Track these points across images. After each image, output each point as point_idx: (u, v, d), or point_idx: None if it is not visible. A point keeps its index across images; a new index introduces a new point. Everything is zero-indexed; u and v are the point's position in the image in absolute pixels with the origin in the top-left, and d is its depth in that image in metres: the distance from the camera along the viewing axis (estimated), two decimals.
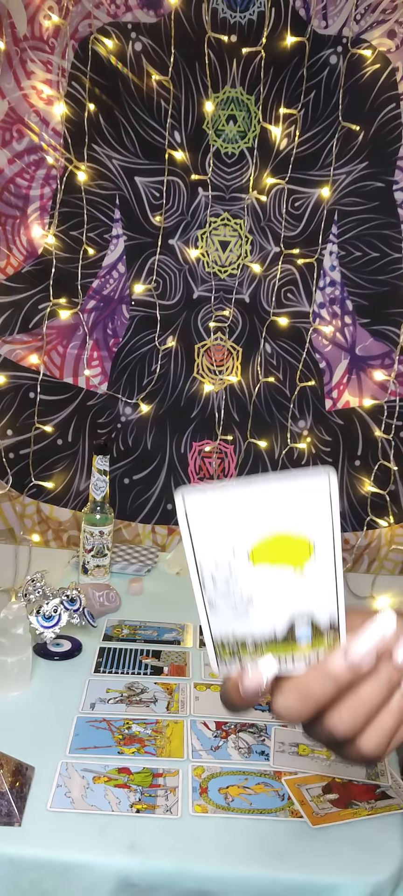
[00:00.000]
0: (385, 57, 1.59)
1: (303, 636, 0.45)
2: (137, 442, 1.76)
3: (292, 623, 0.45)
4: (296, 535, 0.43)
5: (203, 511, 0.42)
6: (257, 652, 0.45)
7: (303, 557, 0.43)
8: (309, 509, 0.42)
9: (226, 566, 0.43)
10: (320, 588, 0.44)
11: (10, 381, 1.73)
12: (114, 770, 0.89)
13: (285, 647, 0.45)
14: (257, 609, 0.44)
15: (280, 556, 0.43)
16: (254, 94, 1.62)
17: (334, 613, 0.45)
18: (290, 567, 0.43)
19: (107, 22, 1.60)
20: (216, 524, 0.42)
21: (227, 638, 0.45)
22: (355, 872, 0.77)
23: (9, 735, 0.95)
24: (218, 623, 0.45)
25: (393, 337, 1.71)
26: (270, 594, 0.44)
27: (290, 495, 0.42)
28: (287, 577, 0.43)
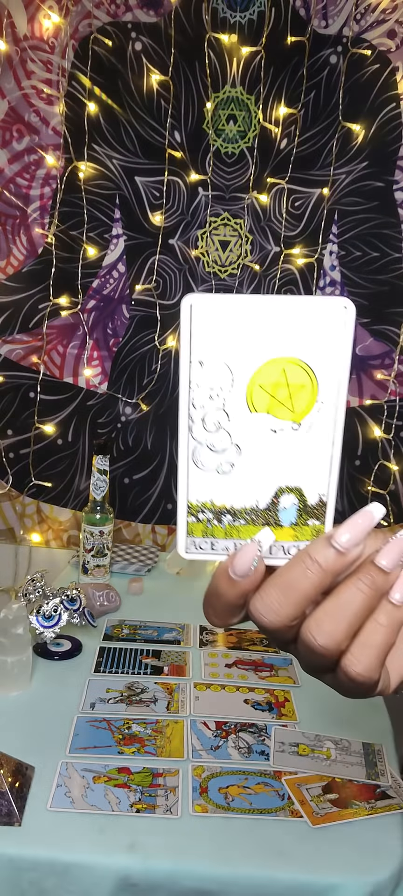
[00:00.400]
0: (385, 57, 1.59)
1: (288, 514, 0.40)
2: (137, 442, 1.76)
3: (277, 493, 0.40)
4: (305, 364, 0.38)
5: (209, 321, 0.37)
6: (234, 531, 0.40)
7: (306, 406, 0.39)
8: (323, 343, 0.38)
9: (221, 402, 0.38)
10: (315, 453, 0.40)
11: (10, 381, 1.73)
12: (114, 770, 0.89)
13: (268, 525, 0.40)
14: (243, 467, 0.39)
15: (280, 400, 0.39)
16: (254, 93, 1.62)
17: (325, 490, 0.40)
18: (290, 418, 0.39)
19: (107, 22, 1.60)
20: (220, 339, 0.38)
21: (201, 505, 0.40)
22: (355, 872, 0.77)
23: (9, 735, 0.95)
24: (197, 483, 0.40)
25: (393, 337, 1.71)
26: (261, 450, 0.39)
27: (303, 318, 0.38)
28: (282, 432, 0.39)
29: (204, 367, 0.38)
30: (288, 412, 0.39)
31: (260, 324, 0.37)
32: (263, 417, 0.39)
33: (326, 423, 0.39)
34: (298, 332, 0.38)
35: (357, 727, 1.01)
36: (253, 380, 0.38)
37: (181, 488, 0.40)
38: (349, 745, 0.98)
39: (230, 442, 0.39)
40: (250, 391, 0.38)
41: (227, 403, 0.39)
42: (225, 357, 0.38)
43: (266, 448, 0.39)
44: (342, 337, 0.38)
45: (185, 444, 0.39)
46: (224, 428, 0.39)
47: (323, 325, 0.38)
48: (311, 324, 0.38)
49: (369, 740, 0.99)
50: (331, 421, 0.39)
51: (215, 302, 0.37)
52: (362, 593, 0.39)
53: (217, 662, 1.20)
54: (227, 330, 0.37)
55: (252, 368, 0.38)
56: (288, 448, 0.39)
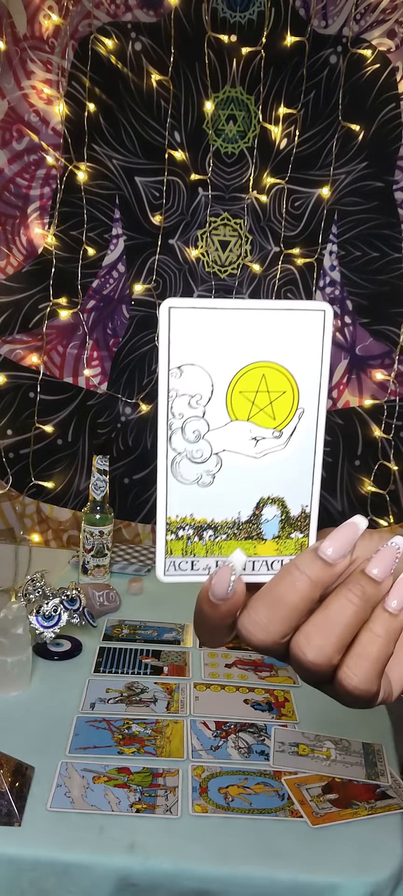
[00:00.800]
0: (385, 57, 1.59)
1: (271, 526, 0.39)
2: (137, 442, 1.76)
3: (259, 504, 0.39)
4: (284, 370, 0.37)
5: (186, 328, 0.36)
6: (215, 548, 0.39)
7: (287, 413, 0.38)
8: (302, 348, 0.37)
9: (201, 410, 0.37)
10: (297, 463, 0.39)
11: (10, 381, 1.73)
12: (113, 770, 0.90)
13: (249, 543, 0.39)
14: (224, 478, 0.38)
15: (260, 406, 0.38)
16: (254, 93, 1.62)
17: (307, 501, 0.40)
18: (271, 425, 0.38)
19: (107, 22, 1.60)
20: (199, 345, 0.37)
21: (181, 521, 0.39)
22: (355, 872, 0.77)
23: (9, 735, 0.95)
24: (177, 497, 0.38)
25: (393, 337, 1.71)
26: (241, 460, 0.38)
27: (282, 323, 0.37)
28: (263, 440, 0.38)
29: (184, 374, 0.37)
30: (270, 419, 0.38)
31: (240, 329, 0.37)
32: (244, 425, 0.38)
33: (308, 430, 0.39)
34: (278, 338, 0.37)
35: (357, 727, 1.02)
36: (233, 386, 0.38)
37: (160, 503, 0.38)
38: (349, 745, 0.98)
39: (210, 451, 0.38)
40: (230, 398, 0.38)
41: (207, 411, 0.38)
42: (205, 363, 0.37)
43: (247, 457, 0.39)
44: (320, 342, 0.38)
45: (164, 455, 0.38)
46: (204, 437, 0.38)
47: (301, 330, 0.37)
48: (290, 329, 0.37)
49: (369, 740, 0.99)
50: (313, 429, 0.39)
51: (194, 307, 0.36)
52: (352, 604, 0.37)
53: (217, 662, 1.20)
54: (207, 335, 0.37)
55: (232, 374, 0.37)
56: (269, 457, 0.39)
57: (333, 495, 1.78)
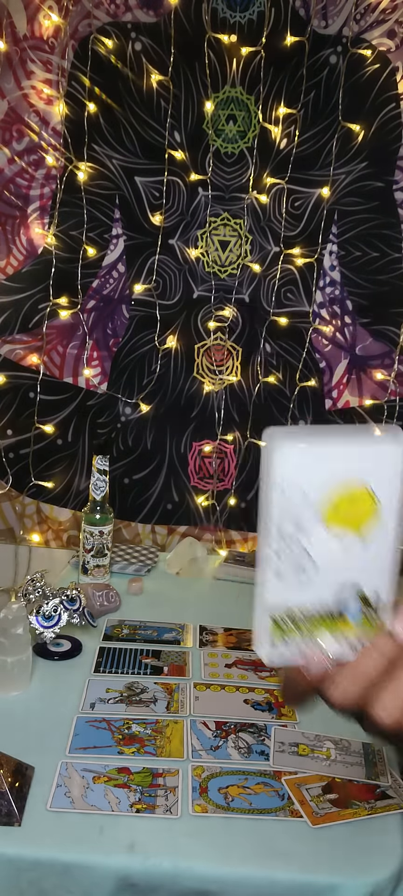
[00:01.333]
0: (385, 57, 1.59)
1: (353, 610, 0.46)
2: (137, 442, 1.76)
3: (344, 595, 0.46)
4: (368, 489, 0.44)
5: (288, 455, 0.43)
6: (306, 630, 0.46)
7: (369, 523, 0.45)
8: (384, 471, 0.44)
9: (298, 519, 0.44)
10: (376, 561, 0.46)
11: (10, 381, 1.73)
12: (113, 770, 0.89)
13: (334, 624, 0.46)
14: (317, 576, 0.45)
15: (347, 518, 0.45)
16: (254, 93, 1.62)
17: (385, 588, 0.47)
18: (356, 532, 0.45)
19: (106, 22, 1.60)
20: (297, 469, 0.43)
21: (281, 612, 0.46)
22: (355, 872, 0.77)
23: (9, 735, 0.95)
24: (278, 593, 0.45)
25: (393, 337, 1.71)
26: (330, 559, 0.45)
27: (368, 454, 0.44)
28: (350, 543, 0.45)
29: (285, 494, 0.44)
30: (356, 528, 0.45)
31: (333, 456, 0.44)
32: (335, 534, 0.45)
33: (386, 538, 0.46)
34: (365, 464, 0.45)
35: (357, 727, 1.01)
36: (326, 503, 0.44)
37: (263, 598, 0.46)
38: (349, 745, 0.98)
39: (307, 556, 0.45)
40: (324, 513, 0.44)
41: (303, 521, 0.44)
42: (303, 484, 0.44)
43: (336, 559, 0.46)
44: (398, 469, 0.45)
45: (265, 556, 0.45)
46: (300, 542, 0.45)
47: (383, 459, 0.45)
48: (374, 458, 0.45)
49: (369, 740, 0.99)
50: (390, 534, 0.46)
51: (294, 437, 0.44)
52: None
53: (217, 662, 1.20)
54: (305, 461, 0.44)
55: (325, 494, 0.44)
56: (354, 558, 0.46)
57: None
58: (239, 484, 1.79)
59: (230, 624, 1.35)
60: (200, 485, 1.79)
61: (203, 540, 1.79)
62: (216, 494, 1.79)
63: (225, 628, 1.34)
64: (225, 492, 1.79)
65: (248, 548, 1.81)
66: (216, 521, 1.80)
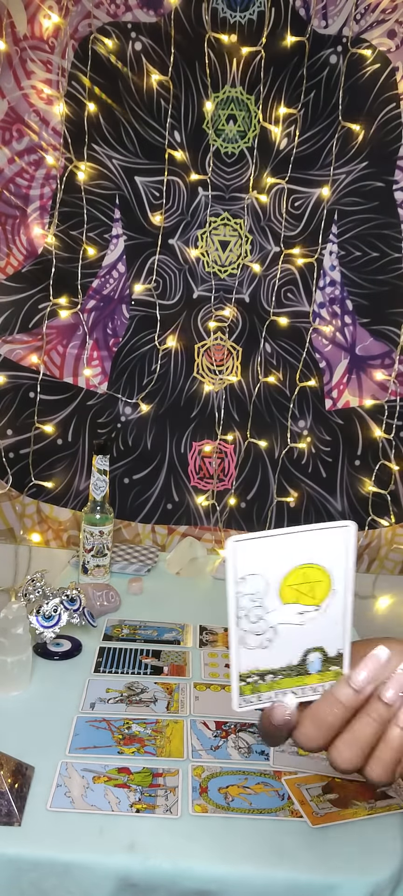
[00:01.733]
0: (385, 57, 1.59)
1: (314, 665, 0.54)
2: (137, 442, 1.76)
3: (306, 654, 0.53)
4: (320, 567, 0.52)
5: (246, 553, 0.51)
6: (274, 685, 0.54)
7: (323, 593, 0.52)
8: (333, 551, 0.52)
9: (259, 601, 0.52)
10: (332, 622, 0.53)
11: (10, 381, 1.73)
12: (113, 770, 0.89)
13: (299, 679, 0.54)
14: (279, 641, 0.53)
15: (304, 592, 0.52)
16: (254, 93, 1.62)
17: (341, 645, 0.54)
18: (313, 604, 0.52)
19: (106, 22, 1.60)
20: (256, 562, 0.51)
21: (249, 673, 0.54)
22: (355, 872, 0.77)
23: (9, 735, 0.95)
24: (245, 658, 0.53)
25: (393, 337, 1.71)
26: (291, 628, 0.52)
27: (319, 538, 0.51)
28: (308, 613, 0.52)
29: (246, 581, 0.52)
30: (311, 599, 0.52)
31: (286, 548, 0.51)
32: (292, 607, 0.52)
33: (339, 601, 0.53)
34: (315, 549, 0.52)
35: None
36: (283, 583, 0.52)
37: (233, 664, 0.54)
38: None
39: (268, 626, 0.53)
40: (281, 591, 0.52)
41: (265, 602, 0.52)
42: (262, 572, 0.51)
43: (295, 626, 0.53)
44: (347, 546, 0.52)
45: (234, 633, 0.52)
46: (263, 618, 0.52)
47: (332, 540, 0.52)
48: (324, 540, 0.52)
49: None
50: (342, 599, 0.53)
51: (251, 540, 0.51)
52: (371, 727, 0.51)
53: (217, 662, 1.20)
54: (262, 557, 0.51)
55: (281, 576, 0.52)
56: (313, 624, 0.53)
57: (333, 496, 1.78)
58: (239, 484, 1.79)
59: None
60: (200, 485, 1.79)
61: (203, 540, 1.79)
62: (216, 494, 1.79)
63: (225, 628, 1.34)
64: (225, 492, 1.79)
65: None
66: (216, 521, 1.80)
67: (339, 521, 0.52)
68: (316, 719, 0.52)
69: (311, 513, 1.78)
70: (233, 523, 1.81)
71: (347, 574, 0.52)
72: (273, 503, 1.79)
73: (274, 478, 1.78)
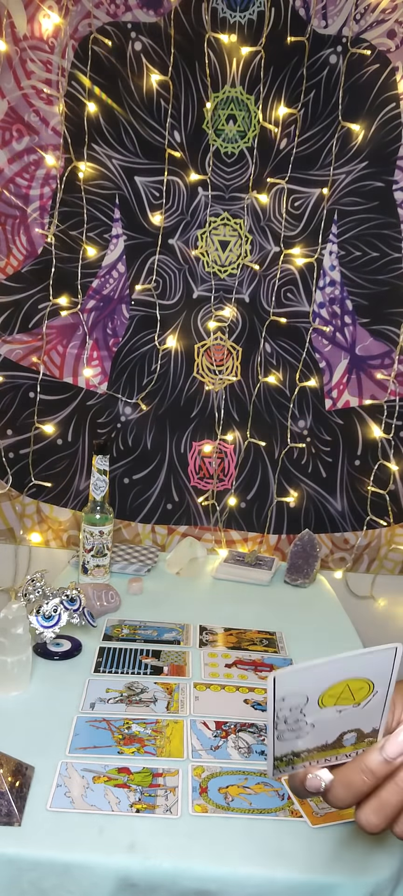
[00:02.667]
0: (385, 57, 1.59)
1: (349, 741, 0.55)
2: (137, 442, 1.76)
3: (342, 734, 0.55)
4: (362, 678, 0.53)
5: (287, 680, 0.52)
6: (309, 757, 0.56)
7: (364, 695, 0.54)
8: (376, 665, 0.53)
9: (298, 709, 0.53)
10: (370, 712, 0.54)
11: (10, 381, 1.73)
12: (113, 770, 0.89)
13: (334, 751, 0.55)
14: (316, 731, 0.54)
15: (344, 697, 0.53)
16: (254, 93, 1.62)
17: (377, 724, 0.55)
18: (351, 703, 0.53)
19: (106, 22, 1.60)
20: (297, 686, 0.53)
21: (285, 755, 0.55)
22: (355, 872, 0.77)
23: (9, 735, 0.95)
24: (280, 747, 0.55)
25: (393, 337, 1.71)
26: (329, 721, 0.54)
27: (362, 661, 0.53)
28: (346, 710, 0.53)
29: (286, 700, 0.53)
30: (351, 701, 0.54)
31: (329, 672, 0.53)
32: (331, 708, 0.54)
33: (380, 698, 0.54)
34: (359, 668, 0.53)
35: None
36: (323, 694, 0.53)
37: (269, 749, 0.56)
38: None
39: (306, 723, 0.54)
40: (321, 700, 0.53)
41: (304, 710, 0.53)
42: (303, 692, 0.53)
43: (334, 721, 0.55)
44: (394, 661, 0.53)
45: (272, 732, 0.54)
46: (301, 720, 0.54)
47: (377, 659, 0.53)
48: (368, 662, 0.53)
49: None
50: (384, 697, 0.54)
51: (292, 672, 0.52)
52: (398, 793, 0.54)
53: (217, 662, 1.20)
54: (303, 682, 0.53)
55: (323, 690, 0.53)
56: (350, 717, 0.54)
57: (333, 495, 1.78)
58: (239, 484, 1.79)
59: (230, 624, 1.35)
60: (200, 485, 1.79)
61: (203, 540, 1.79)
62: (216, 494, 1.79)
63: (225, 628, 1.34)
64: (225, 492, 1.79)
65: (248, 548, 1.81)
66: (216, 521, 1.80)
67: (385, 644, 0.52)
68: (347, 784, 0.54)
69: (311, 513, 1.79)
70: (233, 523, 1.81)
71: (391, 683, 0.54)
72: (273, 503, 1.79)
73: (273, 478, 1.78)
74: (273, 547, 1.82)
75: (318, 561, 1.64)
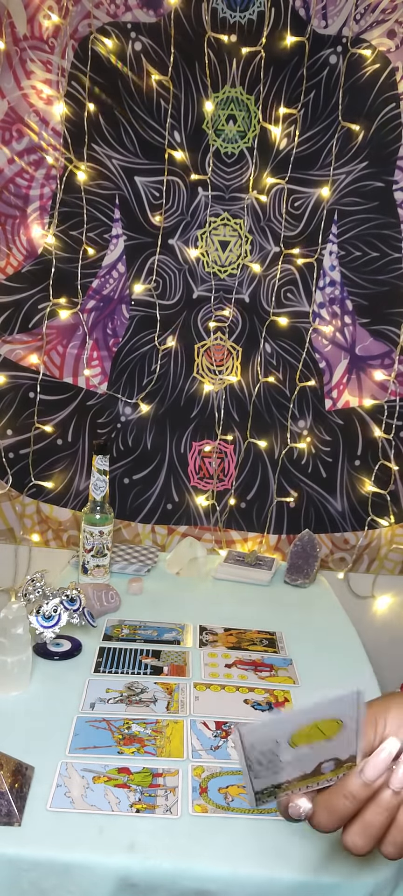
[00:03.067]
0: (385, 57, 1.59)
1: (327, 768, 0.56)
2: (137, 442, 1.76)
3: (319, 764, 0.55)
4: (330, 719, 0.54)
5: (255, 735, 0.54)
6: (289, 788, 0.57)
7: (334, 731, 0.54)
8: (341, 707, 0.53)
9: (270, 755, 0.54)
10: (344, 743, 0.55)
11: (10, 381, 1.73)
12: (113, 770, 0.89)
13: (314, 778, 0.56)
14: (292, 766, 0.55)
15: (314, 736, 0.54)
16: (254, 93, 1.62)
17: (353, 751, 0.55)
18: (322, 739, 0.54)
19: (106, 22, 1.60)
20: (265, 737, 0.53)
21: (265, 789, 0.56)
22: (355, 872, 0.77)
23: (9, 735, 0.95)
24: (259, 784, 0.56)
25: (393, 337, 1.71)
26: (305, 755, 0.54)
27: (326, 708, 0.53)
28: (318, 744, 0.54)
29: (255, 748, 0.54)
30: (322, 737, 0.54)
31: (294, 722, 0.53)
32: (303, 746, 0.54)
33: (351, 730, 0.54)
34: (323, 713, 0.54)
35: None
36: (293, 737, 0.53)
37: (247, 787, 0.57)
38: None
39: (280, 760, 0.55)
40: (292, 741, 0.54)
41: (275, 751, 0.54)
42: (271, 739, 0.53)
43: (308, 755, 0.55)
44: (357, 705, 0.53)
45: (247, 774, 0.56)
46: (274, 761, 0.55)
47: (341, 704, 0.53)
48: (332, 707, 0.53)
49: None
50: (355, 728, 0.54)
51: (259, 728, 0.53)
52: (381, 815, 0.54)
53: (217, 662, 1.20)
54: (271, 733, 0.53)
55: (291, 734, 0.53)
56: (324, 748, 0.55)
57: (333, 496, 1.78)
58: (239, 484, 1.79)
59: (230, 624, 1.35)
60: (200, 485, 1.79)
61: (203, 540, 1.79)
62: (216, 494, 1.79)
63: (225, 628, 1.34)
64: (225, 492, 1.79)
65: (248, 548, 1.81)
66: (216, 521, 1.80)
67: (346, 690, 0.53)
68: (330, 809, 0.55)
69: (311, 513, 1.79)
70: (233, 523, 1.81)
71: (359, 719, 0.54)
72: (273, 503, 1.79)
73: (273, 478, 1.78)
74: (273, 547, 1.82)
75: (318, 561, 1.64)
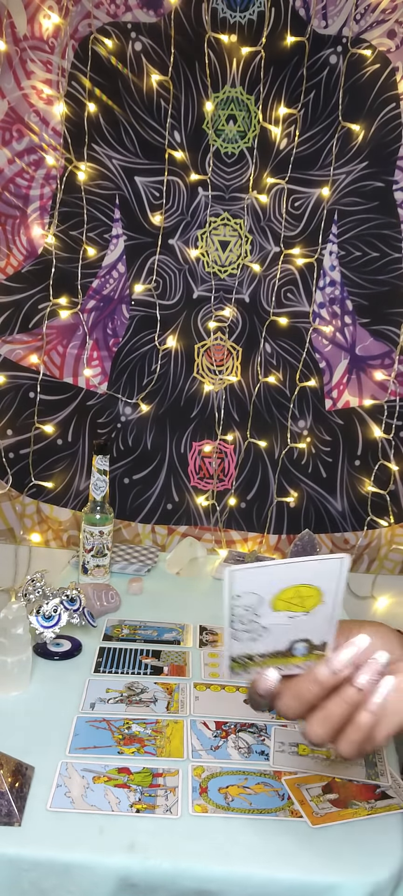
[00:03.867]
0: (385, 57, 1.59)
1: (299, 651, 0.59)
2: (137, 442, 1.76)
3: (293, 643, 0.58)
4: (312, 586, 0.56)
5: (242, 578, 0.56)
6: (262, 664, 0.59)
7: (313, 604, 0.57)
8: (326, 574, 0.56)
9: (252, 610, 0.57)
10: (320, 623, 0.57)
11: (10, 381, 1.73)
12: (114, 770, 0.89)
13: (285, 659, 0.59)
14: (269, 635, 0.57)
15: (295, 603, 0.56)
16: (254, 93, 1.62)
17: (327, 637, 0.58)
18: (301, 610, 0.57)
19: (106, 22, 1.60)
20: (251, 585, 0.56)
21: (241, 656, 0.59)
22: (355, 872, 0.77)
23: (9, 735, 0.95)
24: (236, 647, 0.59)
25: (393, 337, 1.71)
26: (282, 627, 0.57)
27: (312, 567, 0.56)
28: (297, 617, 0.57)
29: (241, 597, 0.57)
30: (301, 608, 0.57)
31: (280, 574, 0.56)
32: (283, 613, 0.57)
33: (328, 609, 0.57)
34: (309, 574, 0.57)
35: None
36: (275, 597, 0.56)
37: (225, 649, 0.60)
38: None
39: (259, 626, 0.58)
40: (273, 603, 0.57)
41: (257, 611, 0.57)
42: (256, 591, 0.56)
43: (285, 626, 0.58)
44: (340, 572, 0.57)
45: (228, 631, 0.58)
46: (255, 621, 0.57)
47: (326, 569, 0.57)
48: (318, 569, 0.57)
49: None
50: (331, 608, 0.58)
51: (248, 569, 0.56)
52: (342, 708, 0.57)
53: (217, 662, 1.20)
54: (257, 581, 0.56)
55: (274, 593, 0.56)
56: (301, 624, 0.58)
57: (333, 495, 1.78)
58: (239, 484, 1.79)
59: None
60: (200, 485, 1.79)
61: (203, 540, 1.79)
62: (216, 494, 1.79)
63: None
64: (225, 492, 1.79)
65: (248, 548, 1.81)
66: (216, 522, 1.80)
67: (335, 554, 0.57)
68: (296, 693, 0.58)
69: (311, 513, 1.79)
70: (233, 523, 1.81)
71: (337, 594, 0.57)
72: (273, 503, 1.79)
73: (274, 478, 1.78)
74: (273, 547, 1.82)
75: None
